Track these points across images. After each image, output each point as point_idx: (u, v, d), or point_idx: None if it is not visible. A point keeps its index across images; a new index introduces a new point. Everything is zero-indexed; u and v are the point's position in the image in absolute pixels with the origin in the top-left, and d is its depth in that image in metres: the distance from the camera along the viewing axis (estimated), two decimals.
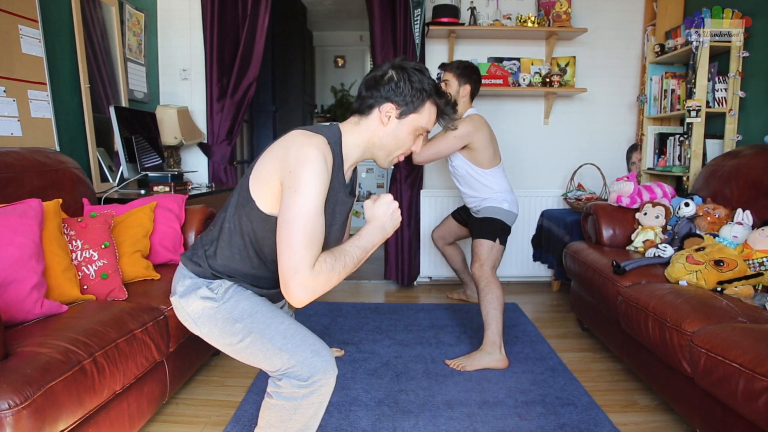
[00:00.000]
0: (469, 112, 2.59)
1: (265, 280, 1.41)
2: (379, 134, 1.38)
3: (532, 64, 3.67)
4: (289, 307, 1.72)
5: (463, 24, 3.50)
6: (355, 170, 1.47)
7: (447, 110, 1.41)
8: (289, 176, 1.22)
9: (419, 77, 1.35)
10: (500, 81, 3.52)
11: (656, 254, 2.31)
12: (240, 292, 1.37)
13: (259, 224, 1.31)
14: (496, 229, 2.51)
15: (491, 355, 2.33)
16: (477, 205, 2.64)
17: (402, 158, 1.46)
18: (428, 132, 1.45)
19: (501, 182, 2.60)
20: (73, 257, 1.76)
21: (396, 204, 1.37)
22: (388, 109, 1.35)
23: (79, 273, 1.76)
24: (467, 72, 2.60)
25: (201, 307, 1.35)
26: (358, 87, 1.74)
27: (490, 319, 2.38)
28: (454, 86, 2.58)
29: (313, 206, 1.20)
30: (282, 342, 1.29)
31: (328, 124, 1.40)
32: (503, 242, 2.53)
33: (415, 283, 3.77)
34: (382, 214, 1.35)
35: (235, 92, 3.45)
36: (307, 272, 1.17)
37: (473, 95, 2.64)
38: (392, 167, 3.67)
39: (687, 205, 2.44)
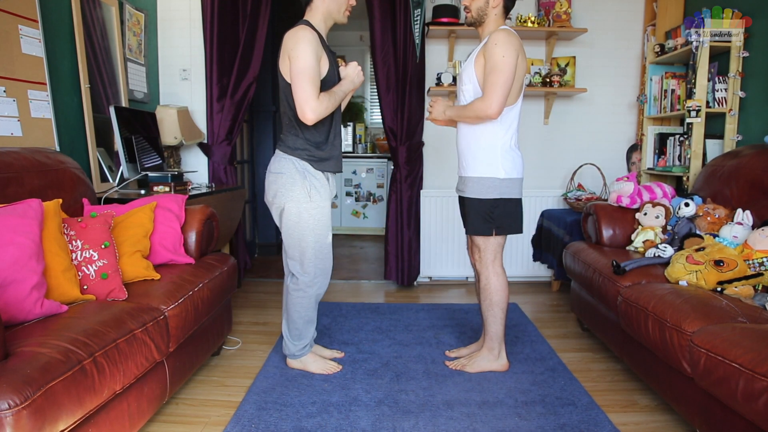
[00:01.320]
0: (503, 26, 2.14)
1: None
2: (323, 7, 2.08)
3: (532, 64, 3.67)
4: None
5: (463, 24, 3.49)
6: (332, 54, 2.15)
7: None
8: (292, 52, 1.96)
9: None
10: None
11: (656, 254, 2.31)
12: None
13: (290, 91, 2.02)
14: (489, 217, 2.16)
15: (491, 359, 2.29)
16: (466, 166, 2.21)
17: (349, 11, 2.14)
18: None
19: (507, 129, 2.14)
20: (73, 257, 1.76)
21: (359, 67, 2.17)
22: None
23: (79, 273, 1.76)
24: None
25: None
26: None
27: (490, 321, 2.25)
28: None
29: (310, 61, 1.94)
30: None
31: (300, 21, 2.07)
32: (502, 231, 2.18)
33: (415, 283, 3.77)
34: (350, 73, 2.15)
35: (235, 92, 3.45)
36: (315, 100, 1.94)
37: (508, 7, 2.18)
38: (392, 167, 3.67)
39: (687, 205, 2.44)
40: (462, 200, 2.30)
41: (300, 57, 1.93)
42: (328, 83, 2.05)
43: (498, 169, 2.13)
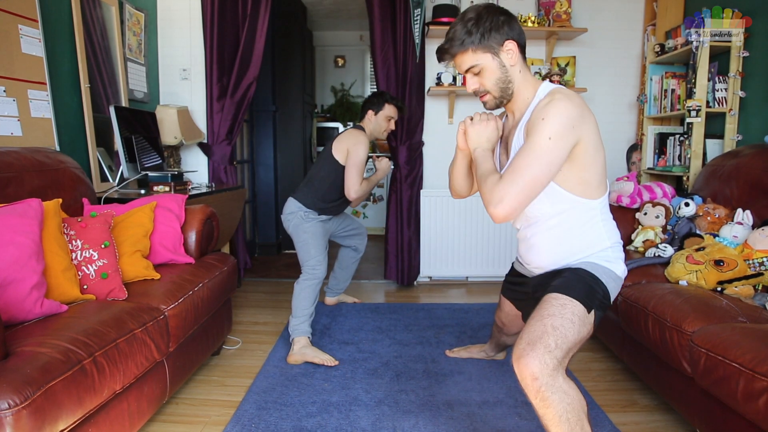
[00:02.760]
0: (546, 87, 1.53)
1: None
2: (370, 127, 2.77)
3: (532, 64, 3.67)
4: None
5: None
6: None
7: (401, 105, 2.82)
8: (353, 147, 2.63)
9: (379, 98, 2.76)
10: None
11: (656, 254, 2.31)
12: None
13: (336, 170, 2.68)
14: (596, 294, 1.47)
15: None
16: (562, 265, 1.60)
17: (386, 134, 2.83)
18: (393, 119, 2.78)
19: (613, 224, 1.59)
20: (73, 257, 1.76)
21: (390, 162, 2.92)
22: (369, 114, 2.76)
23: (79, 273, 1.76)
24: (490, 23, 1.49)
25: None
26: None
27: None
28: (488, 64, 1.52)
29: (363, 158, 2.62)
30: None
31: (358, 125, 2.80)
32: (599, 314, 1.48)
33: (415, 283, 3.77)
34: (383, 167, 2.83)
35: (235, 92, 3.45)
36: (359, 185, 2.62)
37: (523, 49, 1.55)
38: (392, 167, 3.67)
39: (687, 205, 2.44)
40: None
41: (358, 154, 2.62)
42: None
43: (616, 263, 1.56)
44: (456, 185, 1.86)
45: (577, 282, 1.47)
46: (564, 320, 1.36)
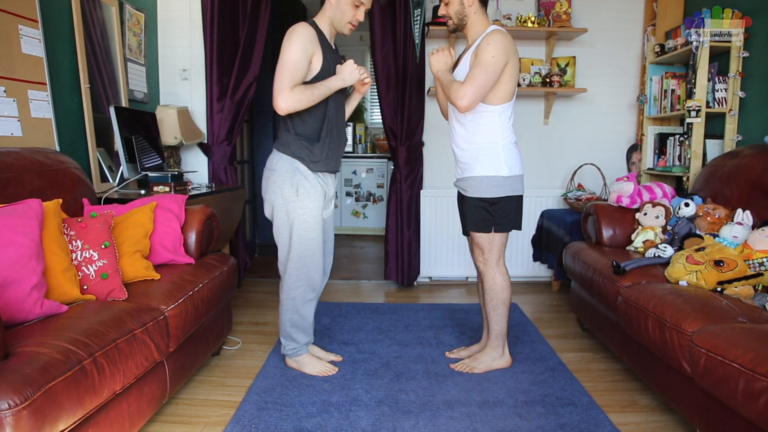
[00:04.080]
0: (492, 28, 2.12)
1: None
2: (329, 13, 2.13)
3: (532, 64, 3.67)
4: None
5: None
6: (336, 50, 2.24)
7: None
8: (283, 44, 2.00)
9: None
10: None
11: (656, 254, 2.30)
12: None
13: None
14: (489, 215, 2.16)
15: (496, 357, 2.30)
16: (466, 167, 2.19)
17: (353, 25, 2.14)
18: (363, 5, 2.10)
19: (507, 126, 2.16)
20: (73, 257, 1.76)
21: (354, 66, 2.10)
22: None
23: (79, 273, 1.76)
24: None
25: None
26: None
27: (495, 320, 2.26)
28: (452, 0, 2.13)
29: (294, 54, 1.98)
30: None
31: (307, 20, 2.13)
32: (502, 228, 2.19)
33: (415, 283, 3.77)
34: (343, 70, 2.10)
35: (235, 92, 3.45)
36: (288, 90, 1.95)
37: (484, 2, 2.17)
38: (392, 167, 3.67)
39: (687, 205, 2.44)
40: (462, 198, 2.29)
41: (286, 49, 1.98)
42: (319, 79, 2.05)
43: (501, 166, 2.14)
44: (443, 106, 2.40)
45: (473, 217, 2.23)
46: (491, 245, 2.26)
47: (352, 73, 2.09)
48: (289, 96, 1.94)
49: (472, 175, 2.18)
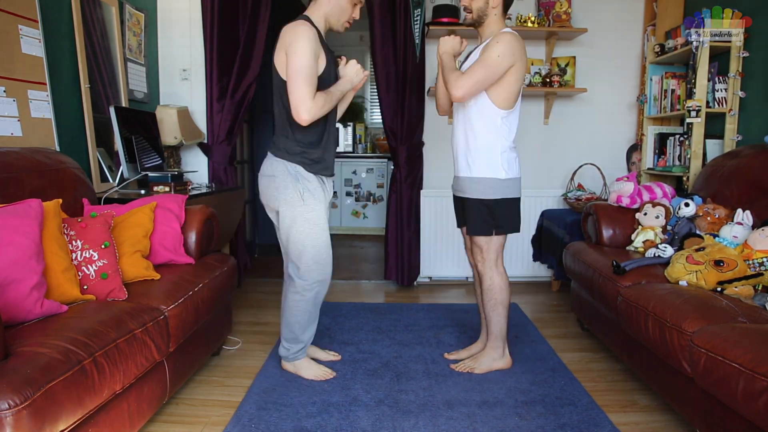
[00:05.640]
0: (505, 29, 2.14)
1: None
2: (327, 9, 2.06)
3: (532, 64, 3.67)
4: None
5: (463, 24, 3.46)
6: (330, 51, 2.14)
7: None
8: (290, 47, 1.93)
9: None
10: None
11: (656, 254, 2.30)
12: None
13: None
14: (489, 217, 2.17)
15: (496, 358, 2.29)
16: (465, 167, 2.20)
17: (350, 23, 2.11)
18: (360, 3, 2.10)
19: (510, 132, 2.17)
20: (73, 257, 1.76)
21: (358, 66, 2.12)
22: None
23: (79, 273, 1.76)
24: None
25: None
26: None
27: (494, 321, 2.25)
28: None
29: (308, 59, 1.91)
30: None
31: (300, 16, 2.04)
32: (502, 230, 2.20)
33: (415, 283, 3.77)
34: (349, 72, 2.11)
35: (235, 92, 3.45)
36: (310, 101, 1.91)
37: (507, 5, 2.18)
38: (392, 167, 3.67)
39: (687, 205, 2.44)
40: (459, 200, 2.31)
41: (298, 54, 1.88)
42: (324, 82, 2.01)
43: (498, 169, 2.15)
44: (441, 100, 2.35)
45: (476, 219, 2.21)
46: (489, 245, 2.24)
47: (357, 73, 2.10)
48: (312, 106, 1.90)
49: (469, 176, 2.20)
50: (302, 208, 2.07)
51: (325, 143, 2.13)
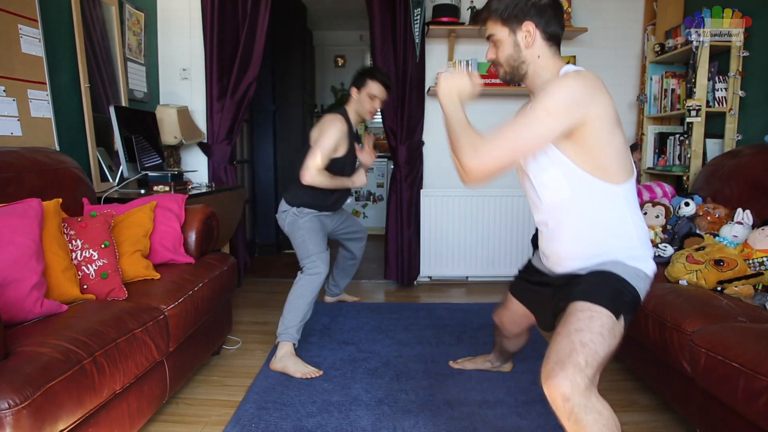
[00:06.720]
0: (566, 69, 1.44)
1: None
2: (354, 105, 2.63)
3: None
4: None
5: (463, 24, 3.49)
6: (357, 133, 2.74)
7: (386, 82, 2.62)
8: (324, 130, 2.50)
9: (362, 74, 2.61)
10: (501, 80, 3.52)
11: (656, 254, 2.30)
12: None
13: None
14: (623, 297, 1.37)
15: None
16: (587, 264, 1.48)
17: (373, 114, 2.64)
18: (377, 97, 2.58)
19: (640, 216, 1.50)
20: (73, 257, 1.76)
21: (365, 178, 2.74)
22: (353, 92, 2.62)
23: (79, 273, 1.76)
24: (522, 2, 1.45)
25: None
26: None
27: None
28: (505, 39, 1.49)
29: (330, 145, 2.48)
30: None
31: (340, 109, 2.64)
32: (627, 319, 1.38)
33: (415, 282, 3.77)
34: (356, 181, 2.71)
35: (235, 92, 3.45)
36: (317, 170, 2.46)
37: (552, 37, 1.48)
38: (392, 166, 3.67)
39: (687, 204, 2.44)
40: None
41: (326, 137, 2.48)
42: (338, 163, 2.57)
43: (645, 262, 1.47)
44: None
45: (603, 286, 1.38)
46: (593, 334, 1.29)
47: (361, 180, 2.70)
48: (315, 175, 2.45)
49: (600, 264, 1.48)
50: (302, 217, 2.58)
51: (337, 195, 2.68)
